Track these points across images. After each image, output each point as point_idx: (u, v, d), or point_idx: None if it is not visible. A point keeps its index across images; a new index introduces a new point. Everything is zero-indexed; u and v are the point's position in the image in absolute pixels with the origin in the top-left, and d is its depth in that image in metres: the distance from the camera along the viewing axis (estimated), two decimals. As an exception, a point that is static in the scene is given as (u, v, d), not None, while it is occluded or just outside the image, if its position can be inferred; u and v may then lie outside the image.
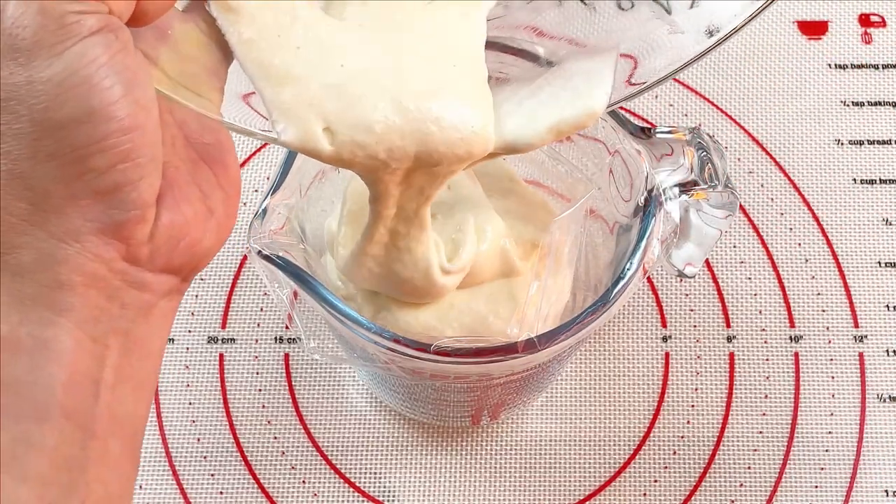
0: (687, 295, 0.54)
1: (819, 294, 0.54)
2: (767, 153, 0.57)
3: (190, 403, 0.51)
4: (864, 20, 0.61)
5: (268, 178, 0.56)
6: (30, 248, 0.26)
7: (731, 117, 0.58)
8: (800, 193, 0.56)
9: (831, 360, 0.52)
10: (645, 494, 0.49)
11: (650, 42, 0.35)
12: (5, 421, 0.26)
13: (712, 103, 0.58)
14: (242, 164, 0.56)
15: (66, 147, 0.26)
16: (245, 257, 0.54)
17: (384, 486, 0.49)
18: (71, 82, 0.26)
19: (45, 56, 0.25)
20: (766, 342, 0.52)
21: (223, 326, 0.53)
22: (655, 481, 0.49)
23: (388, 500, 0.49)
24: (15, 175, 0.26)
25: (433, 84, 0.33)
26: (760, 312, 0.53)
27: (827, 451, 0.50)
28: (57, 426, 0.26)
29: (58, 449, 0.26)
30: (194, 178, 0.31)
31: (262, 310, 0.53)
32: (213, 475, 0.49)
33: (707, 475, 0.49)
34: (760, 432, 0.50)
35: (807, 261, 0.54)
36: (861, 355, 0.52)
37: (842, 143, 0.57)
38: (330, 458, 0.50)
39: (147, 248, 0.28)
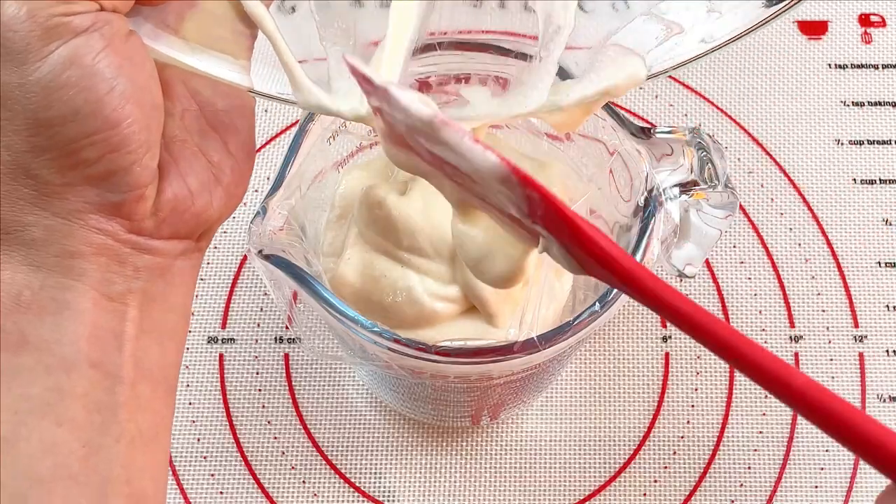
0: (687, 295, 0.53)
1: (819, 294, 0.54)
2: (767, 153, 0.57)
3: (190, 403, 0.51)
4: (864, 20, 0.61)
5: (268, 179, 0.56)
6: (38, 225, 0.29)
7: (731, 117, 0.58)
8: (800, 193, 0.56)
9: (831, 360, 0.52)
10: (645, 494, 0.49)
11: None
12: (38, 374, 0.29)
13: (712, 103, 0.58)
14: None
15: (57, 143, 0.28)
16: (245, 257, 0.54)
17: (384, 486, 0.49)
18: (55, 85, 0.27)
19: (33, 60, 0.27)
20: (765, 342, 0.52)
21: (223, 326, 0.53)
22: (655, 481, 0.49)
23: (388, 500, 0.49)
24: (18, 165, 0.28)
25: None
26: (760, 312, 0.53)
27: (827, 451, 0.50)
28: (84, 375, 0.29)
29: (88, 395, 0.29)
30: (202, 148, 0.32)
31: (262, 310, 0.53)
32: (213, 475, 0.49)
33: (707, 475, 0.49)
34: (760, 432, 0.50)
35: (807, 261, 0.54)
36: (861, 355, 0.52)
37: (842, 143, 0.57)
38: (330, 458, 0.50)
39: (151, 220, 0.30)
